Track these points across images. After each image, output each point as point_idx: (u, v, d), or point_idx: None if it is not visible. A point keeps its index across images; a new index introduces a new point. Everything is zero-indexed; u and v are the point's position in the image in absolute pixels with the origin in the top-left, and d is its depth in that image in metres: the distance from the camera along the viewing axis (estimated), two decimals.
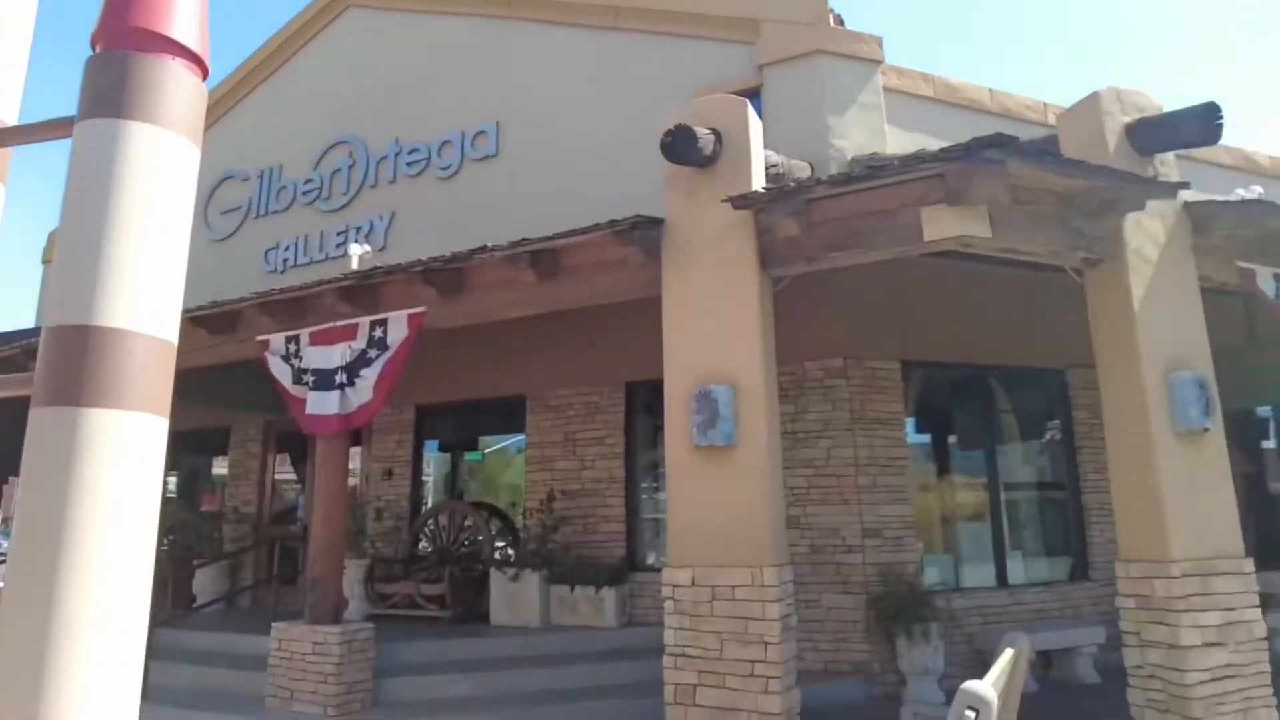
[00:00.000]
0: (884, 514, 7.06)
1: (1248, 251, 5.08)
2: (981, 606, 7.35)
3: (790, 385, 7.39)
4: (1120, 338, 4.64)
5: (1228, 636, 4.37)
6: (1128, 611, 4.54)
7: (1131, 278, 4.63)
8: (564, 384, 8.31)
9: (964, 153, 3.87)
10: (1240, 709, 4.32)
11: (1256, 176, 10.11)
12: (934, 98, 8.27)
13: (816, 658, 6.90)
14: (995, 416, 8.43)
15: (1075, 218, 4.53)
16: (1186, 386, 4.47)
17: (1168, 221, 4.85)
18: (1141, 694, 4.47)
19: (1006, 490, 8.23)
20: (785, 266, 4.71)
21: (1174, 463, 4.46)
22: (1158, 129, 4.81)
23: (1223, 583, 4.43)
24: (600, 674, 6.54)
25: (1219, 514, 4.58)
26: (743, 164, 4.75)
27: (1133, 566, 4.52)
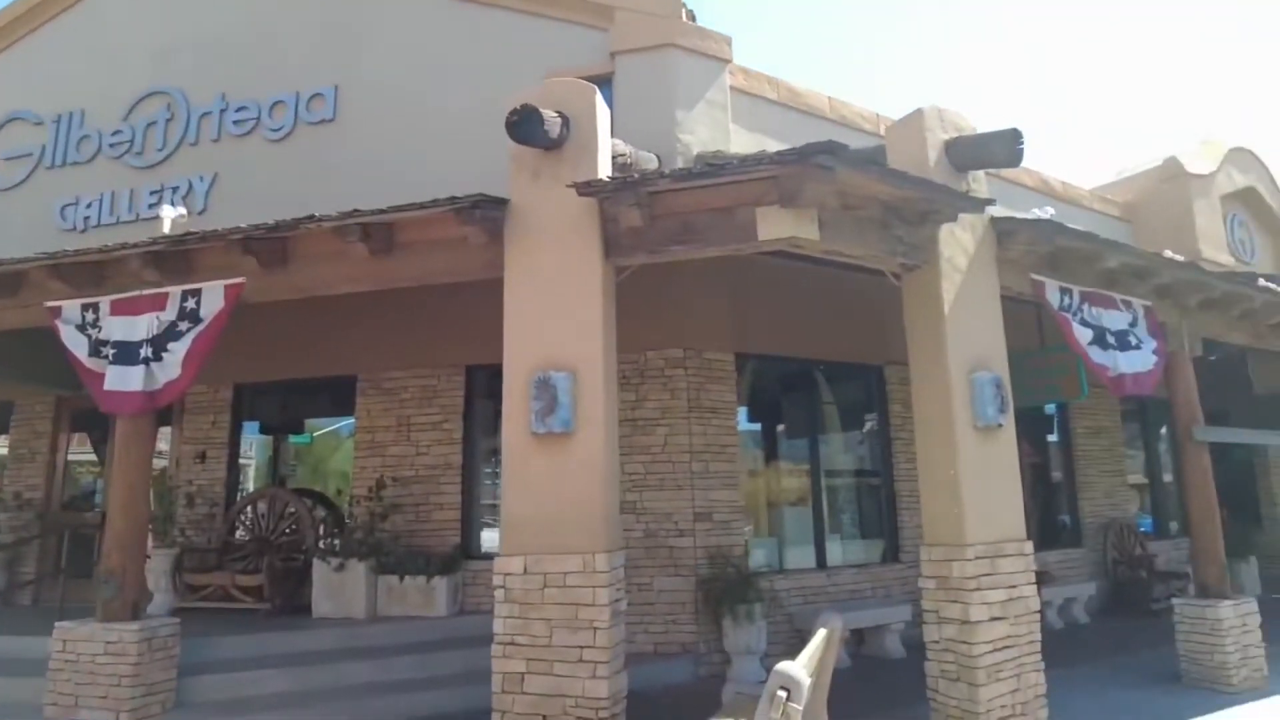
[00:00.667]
0: (715, 499, 7.31)
1: (1040, 265, 5.62)
2: (802, 587, 7.78)
3: (632, 374, 7.48)
4: (931, 339, 5.02)
5: (1009, 611, 4.86)
6: (929, 592, 4.95)
7: (943, 284, 5.01)
8: (399, 365, 8.00)
9: (797, 157, 4.03)
10: (1015, 674, 4.82)
11: (1049, 198, 11.26)
12: (777, 101, 8.58)
13: (647, 639, 7.06)
14: (819, 408, 8.93)
15: (896, 225, 4.84)
16: (986, 385, 4.91)
17: (976, 233, 5.29)
18: (937, 666, 4.88)
19: (827, 477, 8.75)
20: (628, 256, 4.74)
21: (972, 455, 4.89)
22: (971, 148, 5.23)
23: (1008, 563, 4.91)
24: (429, 665, 6.38)
25: (1008, 502, 5.06)
26: (589, 150, 4.72)
27: (934, 550, 4.92)
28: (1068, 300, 5.75)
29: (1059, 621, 9.29)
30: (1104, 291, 6.06)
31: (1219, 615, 6.31)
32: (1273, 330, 7.87)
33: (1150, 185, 12.49)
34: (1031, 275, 5.58)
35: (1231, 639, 6.31)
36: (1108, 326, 5.91)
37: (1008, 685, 4.75)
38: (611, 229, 4.67)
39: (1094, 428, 10.95)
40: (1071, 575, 10.09)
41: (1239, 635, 6.39)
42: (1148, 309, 6.40)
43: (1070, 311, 5.73)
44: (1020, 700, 4.81)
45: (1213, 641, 6.34)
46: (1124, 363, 5.86)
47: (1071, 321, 5.66)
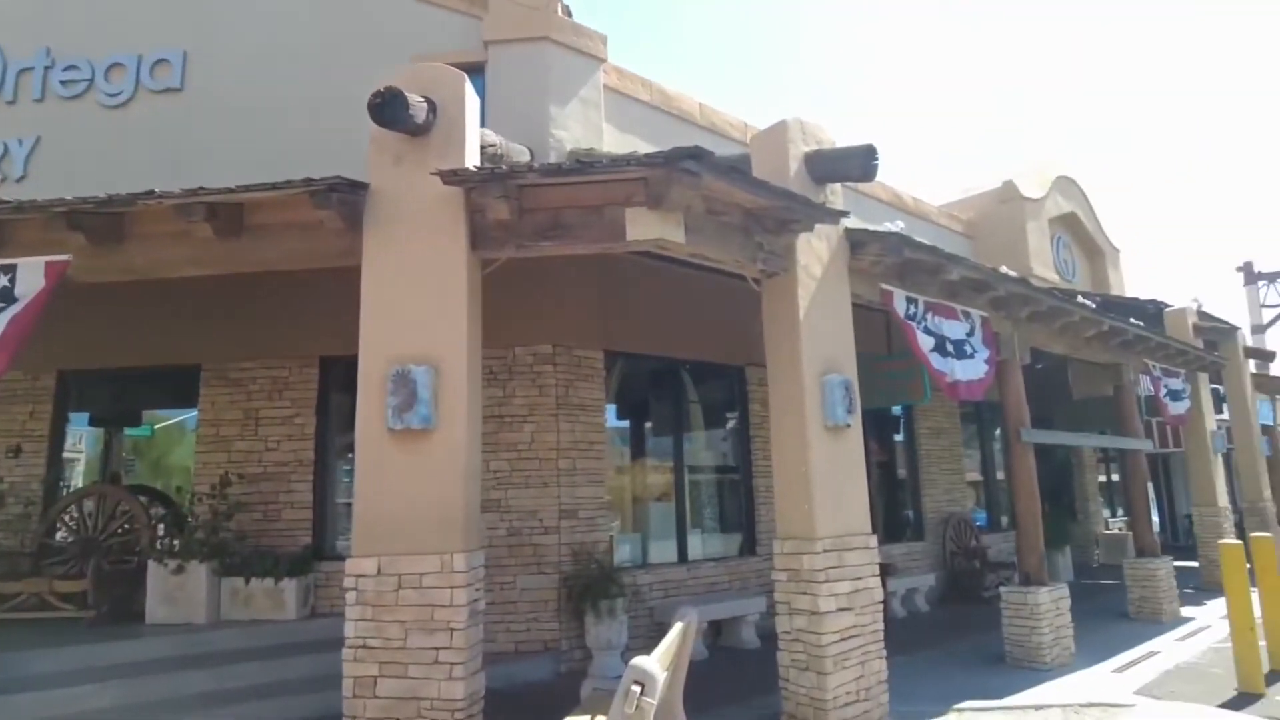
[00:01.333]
0: (581, 496, 7.33)
1: (889, 275, 5.98)
2: (664, 581, 7.93)
3: (500, 369, 7.39)
4: (787, 342, 5.23)
5: (855, 601, 5.14)
6: (781, 584, 5.15)
7: (800, 290, 5.23)
8: (247, 355, 7.54)
9: (664, 160, 4.10)
10: (860, 661, 5.10)
11: (901, 212, 11.98)
12: (650, 103, 8.70)
13: (509, 638, 7.00)
14: (685, 406, 9.13)
15: (758, 232, 5.02)
16: (836, 387, 5.17)
17: (831, 244, 5.56)
18: (788, 655, 5.09)
19: (691, 473, 8.96)
20: (496, 249, 4.67)
21: (822, 453, 5.14)
22: (830, 162, 5.49)
23: (854, 556, 5.18)
24: (275, 671, 6.06)
25: (854, 497, 5.35)
26: (457, 139, 4.61)
27: (787, 544, 5.13)
28: (913, 309, 6.14)
29: (902, 610, 9.91)
30: (946, 302, 6.51)
31: (1037, 601, 6.91)
32: (1088, 343, 8.70)
33: (990, 205, 13.54)
34: (881, 285, 5.92)
35: (1047, 622, 6.93)
36: (948, 335, 6.36)
37: (853, 673, 5.02)
38: (478, 220, 4.58)
39: (935, 429, 11.75)
40: (914, 567, 10.79)
41: (1053, 618, 7.03)
42: (984, 320, 6.92)
43: (915, 320, 6.12)
44: (864, 686, 5.10)
45: (1031, 624, 6.94)
46: (960, 370, 6.32)
47: (916, 330, 6.05)
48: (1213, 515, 11.56)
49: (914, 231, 11.88)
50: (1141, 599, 9.24)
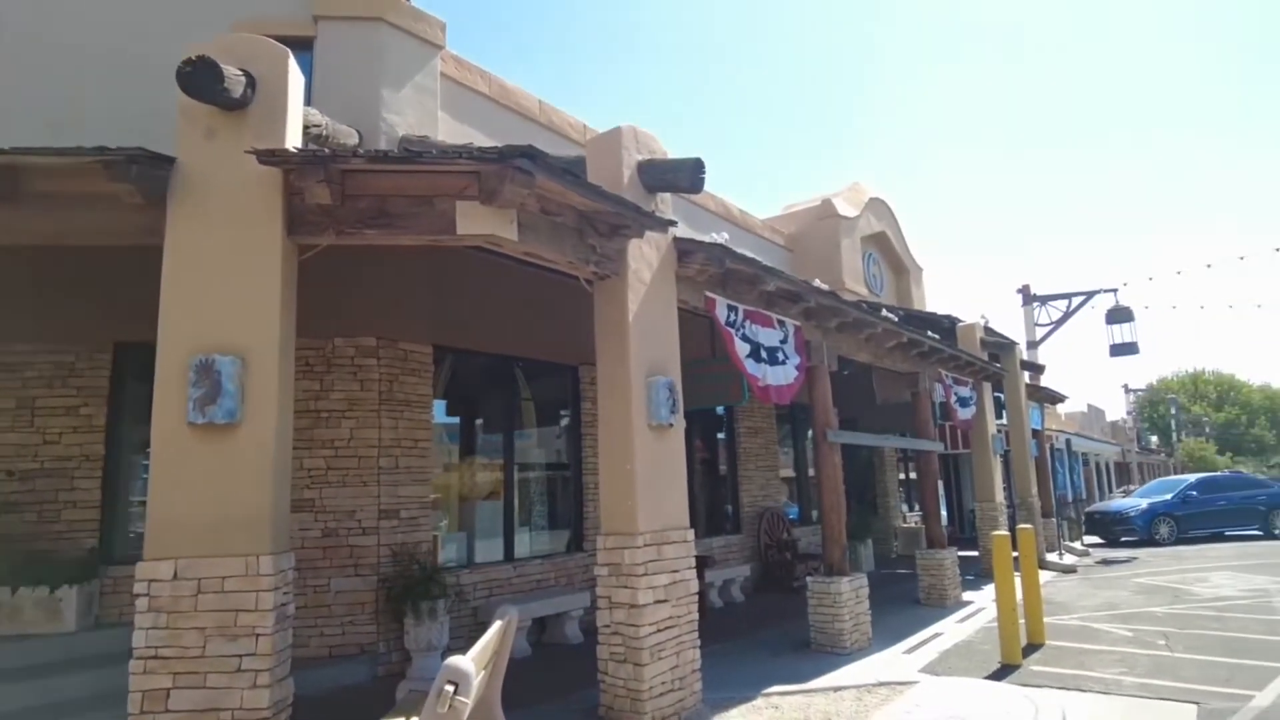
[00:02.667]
0: (403, 495, 7.13)
1: (713, 284, 6.27)
2: (489, 580, 7.87)
3: (317, 362, 7.06)
4: (617, 343, 5.37)
5: (672, 594, 5.35)
6: (602, 579, 5.27)
7: (629, 294, 5.38)
8: (24, 338, 6.73)
9: (498, 157, 4.10)
10: (675, 651, 5.31)
11: (729, 223, 12.53)
12: (489, 95, 8.59)
13: (322, 643, 6.69)
14: (517, 404, 9.11)
15: (591, 235, 5.11)
16: (661, 388, 5.36)
17: (660, 250, 5.75)
18: (607, 649, 5.21)
19: (521, 471, 8.95)
20: (315, 235, 4.46)
21: (646, 451, 5.31)
22: (661, 171, 5.68)
23: (672, 549, 5.39)
24: (49, 691, 5.46)
25: (675, 493, 5.56)
26: (277, 116, 4.37)
27: (609, 539, 5.26)
28: (733, 317, 6.46)
29: (719, 601, 10.38)
30: (763, 311, 6.91)
31: (839, 590, 7.47)
32: (890, 352, 9.51)
33: (809, 221, 14.45)
34: (705, 292, 6.20)
35: (847, 609, 7.51)
36: (763, 342, 6.75)
37: (669, 663, 5.22)
38: (296, 204, 4.37)
39: (753, 428, 12.40)
40: (731, 559, 11.33)
41: (853, 606, 7.62)
42: (797, 328, 7.40)
43: (735, 327, 6.45)
44: (679, 676, 5.31)
45: (833, 612, 7.49)
46: (772, 375, 6.72)
47: (734, 337, 6.38)
48: (991, 510, 12.93)
49: (739, 243, 12.47)
50: (930, 586, 10.20)
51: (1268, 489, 20.14)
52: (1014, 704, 5.18)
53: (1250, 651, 6.90)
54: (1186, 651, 7.01)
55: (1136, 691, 5.78)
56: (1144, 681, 6.03)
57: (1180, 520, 18.55)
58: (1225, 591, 10.45)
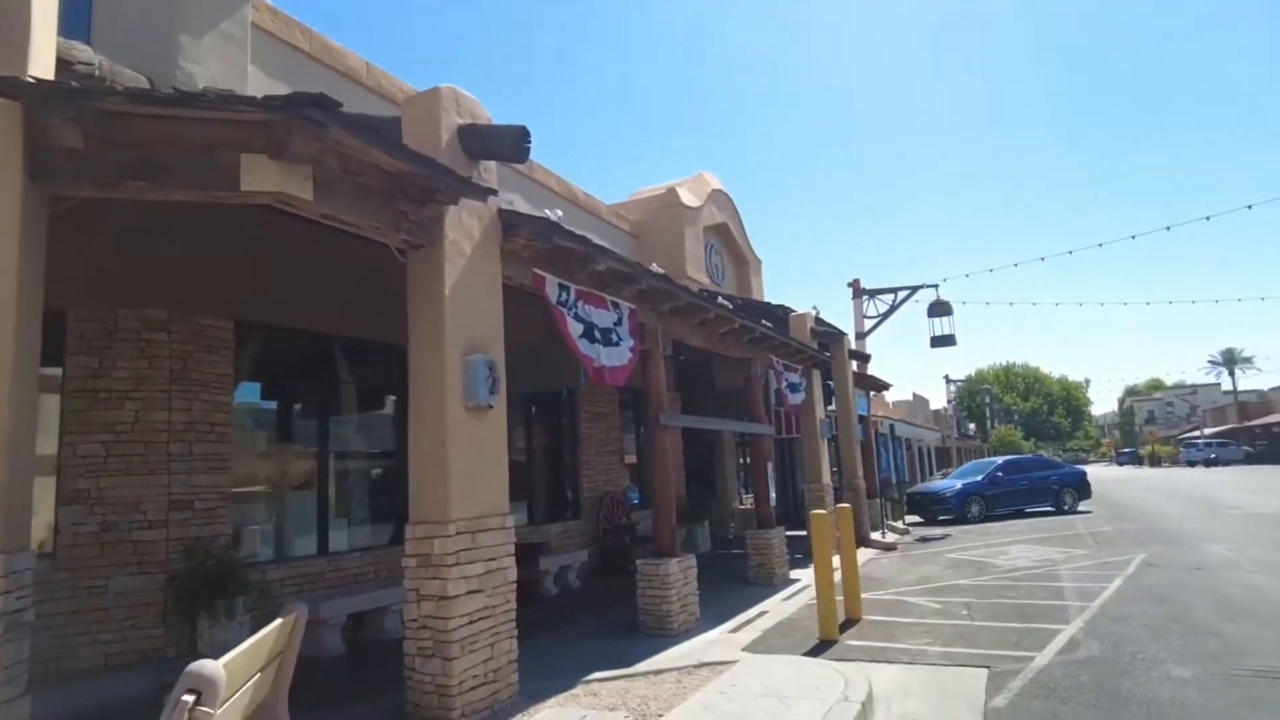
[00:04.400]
0: (198, 484, 6.47)
1: (542, 261, 6.04)
2: (300, 575, 7.31)
3: (96, 335, 6.26)
4: (430, 318, 5.03)
5: (487, 583, 5.09)
6: (411, 570, 4.94)
7: (446, 265, 5.06)
8: None
9: (284, 104, 3.68)
10: (490, 643, 5.06)
11: (573, 205, 12.34)
12: (310, 53, 7.93)
13: (96, 651, 5.97)
14: (337, 386, 8.52)
15: (401, 200, 4.75)
16: (479, 367, 5.07)
17: (483, 221, 5.46)
18: (415, 644, 4.90)
19: (340, 459, 8.38)
20: (68, 185, 3.87)
21: (462, 434, 5.02)
22: (483, 137, 5.38)
23: (489, 537, 5.14)
24: None
25: (493, 479, 5.30)
26: (16, 42, 3.73)
27: (419, 528, 4.94)
28: (565, 296, 6.27)
29: (555, 588, 10.21)
30: (596, 291, 6.75)
31: (667, 571, 7.47)
32: (723, 338, 9.64)
33: (654, 209, 14.50)
34: (534, 269, 5.96)
35: (675, 591, 7.52)
36: (596, 323, 6.60)
37: (482, 655, 4.97)
38: (41, 147, 3.75)
39: (596, 413, 12.31)
40: (569, 545, 11.19)
41: (681, 587, 7.65)
42: (632, 311, 7.31)
43: (566, 307, 6.26)
44: (493, 668, 5.07)
45: (662, 594, 7.49)
46: (606, 356, 6.59)
47: (566, 316, 6.18)
48: (819, 491, 13.49)
49: (583, 227, 12.30)
50: (759, 565, 10.47)
51: (1059, 469, 22.32)
52: (825, 679, 5.32)
53: (1037, 616, 7.49)
54: (985, 620, 7.51)
55: (938, 660, 6.10)
56: (946, 650, 6.39)
57: (989, 499, 20.19)
58: (1021, 563, 11.39)
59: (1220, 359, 77.76)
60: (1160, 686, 5.06)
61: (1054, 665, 5.69)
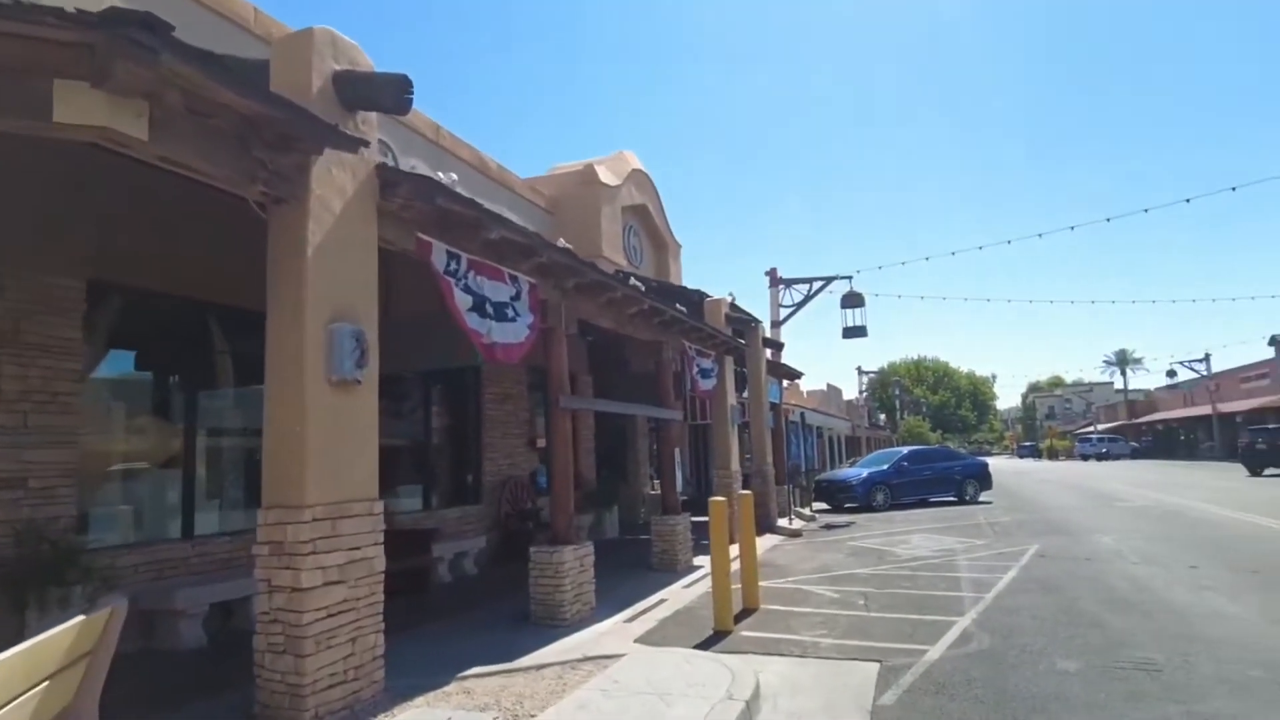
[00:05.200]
0: (33, 460, 5.80)
1: (430, 226, 5.58)
2: (158, 561, 6.71)
3: None
4: (291, 280, 4.55)
5: (349, 574, 4.66)
6: (262, 559, 4.47)
7: (311, 223, 4.57)
8: None
9: (101, 22, 3.16)
10: (351, 638, 4.64)
11: (485, 177, 11.82)
12: None
13: None
14: (212, 357, 7.86)
15: (258, 147, 4.25)
16: (345, 338, 4.62)
17: (358, 178, 4.98)
18: (265, 639, 4.44)
19: (213, 436, 7.75)
20: None
21: (323, 411, 4.56)
22: (361, 85, 4.90)
23: (353, 524, 4.70)
24: None
25: (361, 460, 4.86)
26: None
27: (271, 513, 4.47)
28: (455, 266, 5.83)
29: (449, 575, 9.78)
30: (492, 263, 6.34)
31: (562, 560, 7.15)
32: (633, 319, 9.34)
33: (570, 186, 14.06)
34: (418, 234, 5.51)
35: (570, 580, 7.21)
36: (489, 296, 6.19)
37: (341, 651, 4.55)
38: None
39: (502, 394, 11.86)
40: (468, 530, 10.75)
41: (576, 575, 7.34)
42: (532, 286, 6.92)
43: (455, 277, 5.83)
44: (355, 665, 4.66)
45: (555, 583, 7.17)
46: (498, 332, 6.20)
47: (454, 287, 5.75)
48: (727, 477, 13.39)
49: (495, 199, 11.80)
50: (663, 551, 10.27)
51: (962, 461, 23.00)
52: (712, 674, 5.10)
53: (932, 608, 7.48)
54: (881, 611, 7.46)
55: (831, 653, 5.97)
56: (839, 642, 6.27)
57: (894, 488, 20.59)
58: (920, 552, 11.53)
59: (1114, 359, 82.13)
60: (1046, 681, 5.02)
61: (945, 659, 5.62)
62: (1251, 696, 4.60)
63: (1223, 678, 4.95)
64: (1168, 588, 7.90)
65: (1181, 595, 7.51)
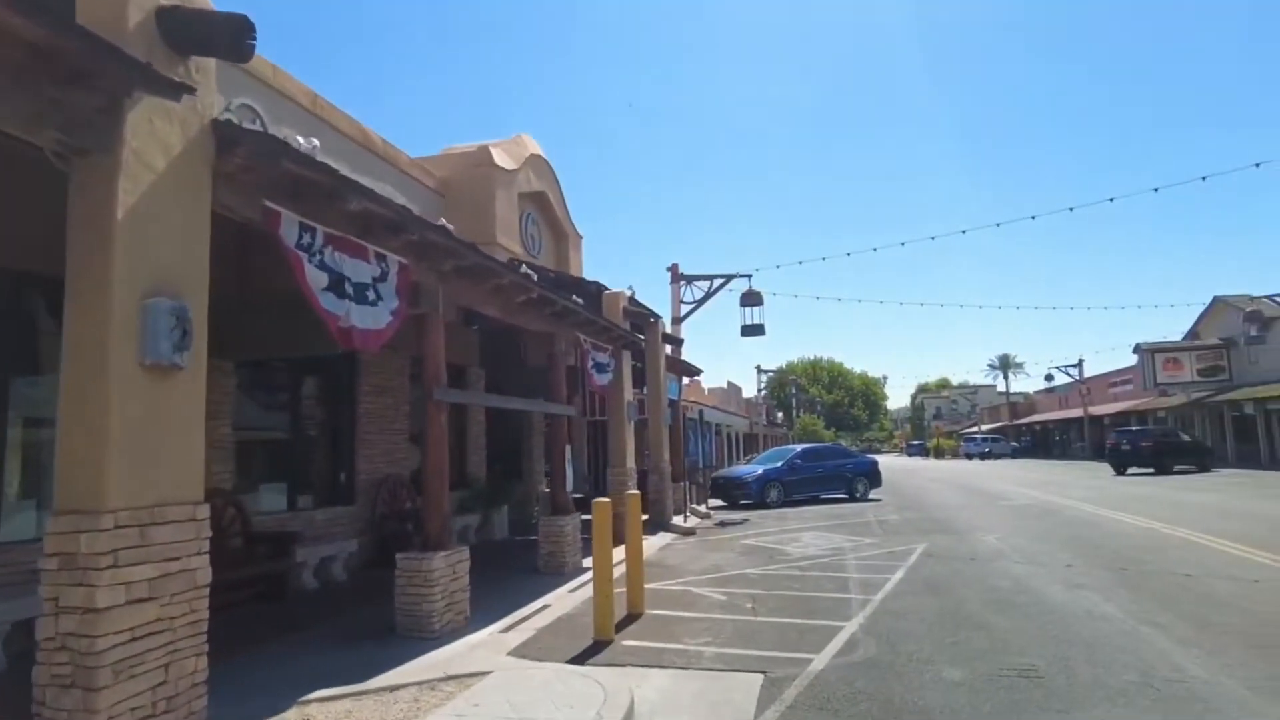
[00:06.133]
0: None
1: (279, 193, 4.94)
2: None
3: None
4: (95, 245, 3.86)
5: (163, 589, 4.00)
6: (49, 574, 3.77)
7: (123, 180, 3.89)
8: None
9: None
10: (164, 663, 3.99)
11: (368, 152, 11.05)
12: None
13: None
14: (34, 338, 6.90)
15: (49, 85, 3.55)
16: (162, 315, 3.95)
17: (189, 133, 4.31)
18: (48, 670, 3.74)
19: (29, 427, 6.80)
20: None
21: (134, 398, 3.89)
22: (190, 25, 4.22)
23: (168, 532, 4.04)
24: None
25: (183, 458, 4.20)
26: None
27: (62, 520, 3.77)
28: (308, 239, 5.20)
29: (314, 582, 9.03)
30: (355, 239, 5.72)
31: (431, 567, 6.60)
32: (522, 309, 8.81)
33: (464, 167, 13.39)
34: (265, 202, 4.85)
35: (440, 588, 6.66)
36: (349, 275, 5.58)
37: (149, 681, 3.89)
38: None
39: (379, 386, 11.11)
40: (338, 532, 10.00)
41: (448, 584, 6.80)
42: (403, 266, 6.32)
43: (309, 252, 5.19)
44: (168, 695, 4.00)
45: (424, 592, 6.60)
46: (358, 316, 5.59)
47: (305, 263, 5.12)
48: (621, 475, 13.04)
49: (380, 177, 11.05)
50: (550, 554, 9.81)
51: (854, 458, 23.44)
52: (583, 692, 4.68)
53: (820, 611, 7.31)
54: (769, 615, 7.23)
55: (715, 663, 5.66)
56: (724, 651, 5.97)
57: (787, 485, 20.75)
58: (811, 551, 11.47)
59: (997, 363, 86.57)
60: (932, 692, 4.84)
61: (831, 669, 5.39)
62: (1129, 703, 4.53)
63: (1100, 683, 4.89)
64: (1046, 587, 8.00)
65: (1059, 594, 7.59)
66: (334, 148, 10.22)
